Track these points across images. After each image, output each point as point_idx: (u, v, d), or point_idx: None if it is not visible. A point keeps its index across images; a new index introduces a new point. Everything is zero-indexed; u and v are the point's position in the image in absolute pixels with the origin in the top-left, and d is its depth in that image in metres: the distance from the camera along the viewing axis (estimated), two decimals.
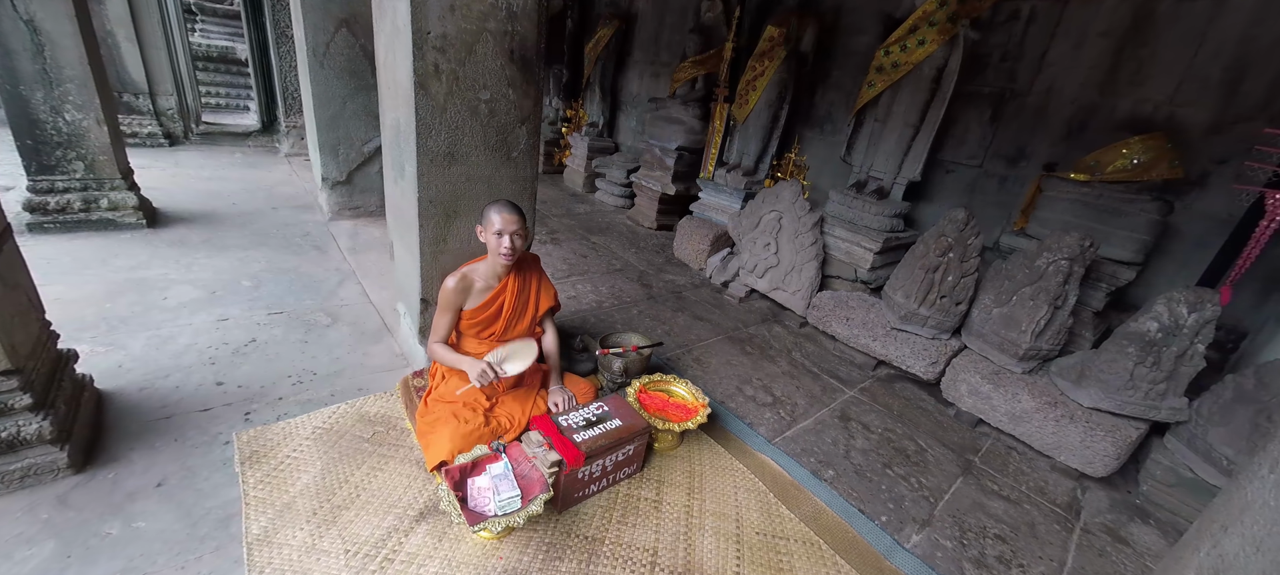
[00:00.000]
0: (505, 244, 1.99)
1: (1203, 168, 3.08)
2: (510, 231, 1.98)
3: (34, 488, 1.76)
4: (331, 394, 2.46)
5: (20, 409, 1.73)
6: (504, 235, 1.98)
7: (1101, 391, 2.73)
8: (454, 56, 2.03)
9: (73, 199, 3.55)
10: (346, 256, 3.91)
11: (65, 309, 2.67)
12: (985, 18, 3.59)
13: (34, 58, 3.16)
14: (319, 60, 4.05)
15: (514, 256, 2.03)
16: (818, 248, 3.92)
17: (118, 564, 1.59)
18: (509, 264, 2.07)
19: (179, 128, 6.35)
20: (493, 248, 2.03)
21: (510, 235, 1.99)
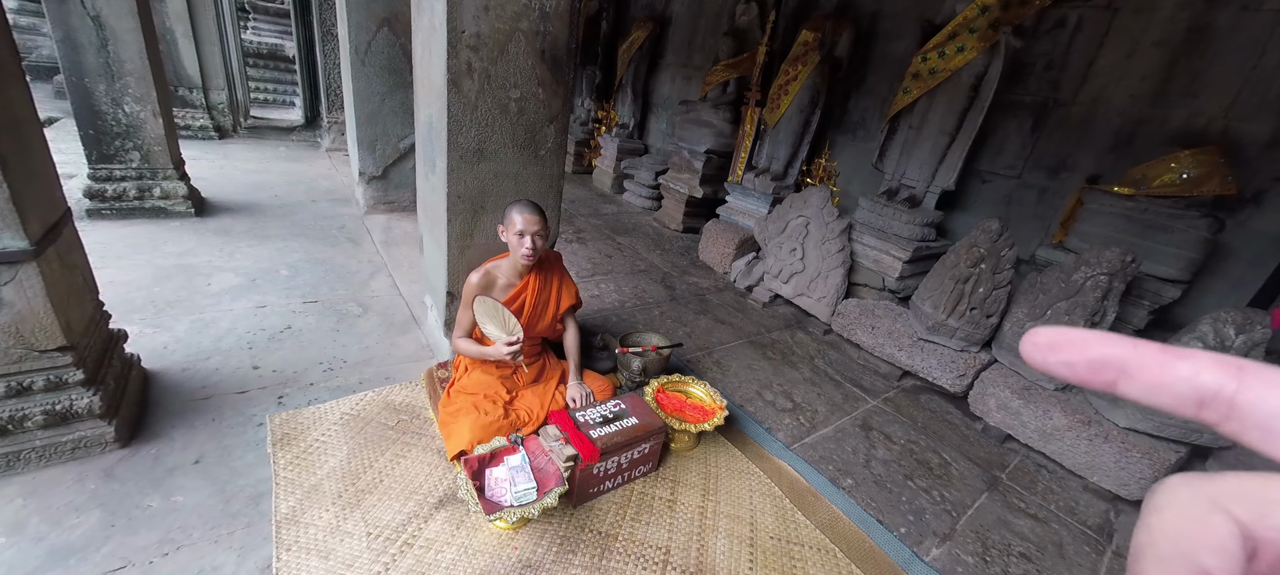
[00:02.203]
0: (526, 244, 2.01)
1: (1259, 184, 2.92)
2: (532, 232, 2.00)
3: (83, 459, 1.87)
4: (360, 381, 2.54)
5: (73, 384, 1.84)
6: (525, 236, 2.00)
7: (1139, 412, 2.62)
8: (487, 55, 2.08)
9: (128, 187, 3.75)
10: (379, 249, 4.03)
11: (117, 291, 2.83)
12: (1029, 25, 3.48)
13: (98, 52, 3.36)
14: (361, 58, 4.19)
15: (535, 257, 2.05)
16: (845, 255, 3.86)
17: (156, 534, 1.68)
18: (530, 264, 2.10)
19: (228, 121, 6.64)
20: (514, 247, 2.05)
21: (532, 236, 2.00)
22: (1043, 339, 0.25)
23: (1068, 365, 0.25)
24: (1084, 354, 0.24)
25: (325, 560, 1.67)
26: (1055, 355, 0.25)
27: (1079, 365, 0.24)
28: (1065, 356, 0.25)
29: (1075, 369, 0.24)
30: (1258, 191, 2.93)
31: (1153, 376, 0.23)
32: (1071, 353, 0.25)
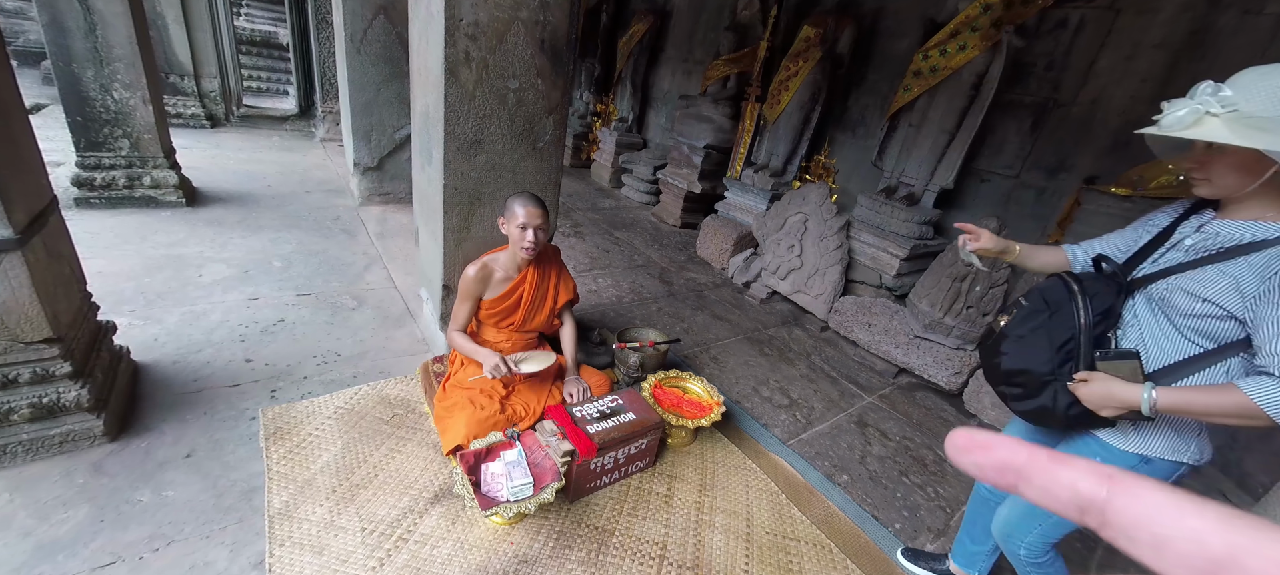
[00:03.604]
0: (528, 238, 1.99)
1: None
2: (534, 225, 1.99)
3: (71, 453, 1.84)
4: (354, 375, 2.51)
5: (60, 376, 1.80)
6: (527, 229, 1.99)
7: None
8: (485, 44, 2.05)
9: (118, 176, 3.69)
10: (374, 241, 3.99)
11: (106, 282, 2.78)
12: (1031, 25, 3.47)
13: (86, 36, 3.29)
14: (356, 46, 4.14)
15: (536, 250, 2.04)
16: (843, 252, 3.86)
17: (147, 530, 1.65)
18: (531, 258, 2.09)
19: (220, 110, 6.55)
20: (515, 240, 2.03)
21: (534, 229, 1.99)
22: (960, 441, 0.27)
23: (977, 466, 0.26)
24: (990, 457, 0.26)
25: (319, 556, 1.65)
26: (967, 457, 0.27)
27: (986, 467, 0.26)
28: (975, 458, 0.26)
29: (984, 470, 0.26)
30: None
31: (1043, 482, 0.24)
32: (979, 455, 0.26)
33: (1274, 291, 1.06)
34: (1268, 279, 1.07)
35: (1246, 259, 1.11)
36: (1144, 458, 1.26)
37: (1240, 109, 1.04)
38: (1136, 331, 1.28)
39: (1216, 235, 1.20)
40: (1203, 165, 1.16)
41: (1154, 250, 1.31)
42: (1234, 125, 1.03)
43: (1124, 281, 1.32)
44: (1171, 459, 1.25)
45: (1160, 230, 1.35)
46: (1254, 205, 1.15)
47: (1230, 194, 1.15)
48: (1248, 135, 1.01)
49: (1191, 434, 1.24)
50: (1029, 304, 1.41)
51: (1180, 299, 1.19)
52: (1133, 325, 1.30)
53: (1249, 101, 1.04)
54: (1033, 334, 1.36)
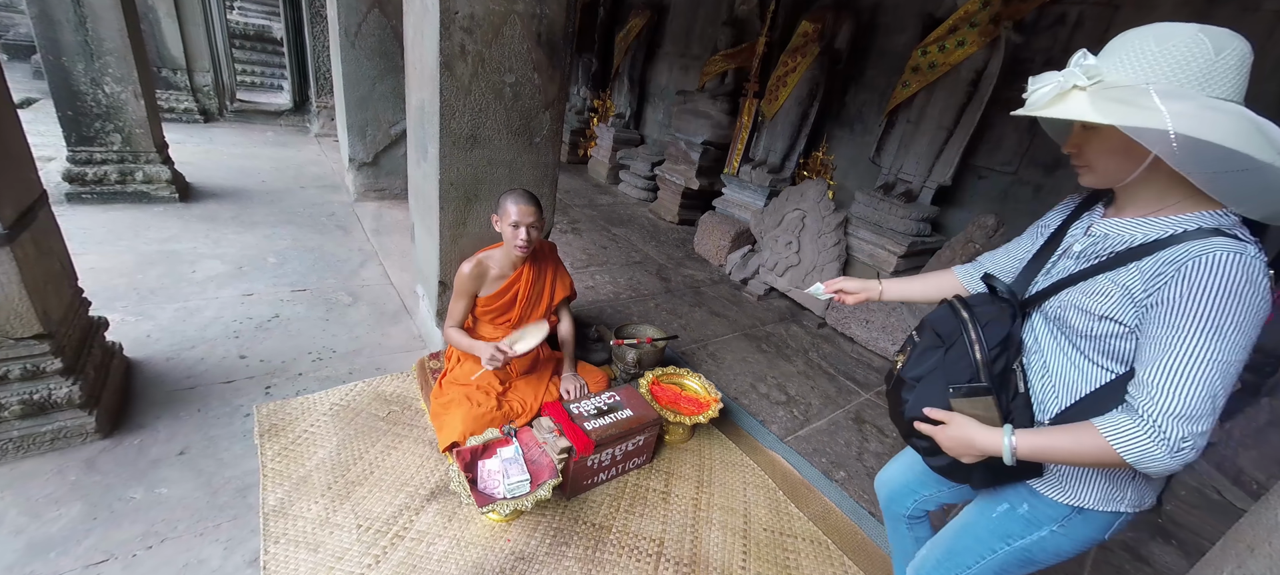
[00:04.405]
0: (521, 236, 1.96)
1: None
2: (527, 223, 1.95)
3: (63, 450, 1.82)
4: (350, 372, 2.49)
5: (51, 373, 1.78)
6: (520, 227, 1.95)
7: None
8: (481, 37, 2.03)
9: (109, 171, 3.66)
10: (370, 237, 3.96)
11: (98, 278, 2.76)
12: (1029, 21, 3.46)
13: (76, 29, 3.25)
14: (350, 40, 4.10)
15: (529, 248, 2.01)
16: (840, 249, 3.85)
17: (140, 528, 1.64)
18: (524, 256, 2.06)
19: (214, 105, 6.50)
20: (508, 238, 2.00)
21: (526, 227, 1.95)
22: None
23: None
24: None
25: (314, 553, 1.64)
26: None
27: None
28: None
29: None
30: None
31: None
32: None
33: (1161, 304, 0.86)
34: (1156, 289, 0.87)
35: (1138, 264, 0.91)
36: (1077, 508, 1.06)
37: (1104, 78, 0.86)
38: (1040, 360, 1.07)
39: (1105, 237, 1.00)
40: (1079, 149, 0.98)
41: (1046, 259, 1.11)
42: (1098, 99, 0.85)
43: (1017, 302, 1.11)
44: (1107, 509, 1.05)
45: (1051, 234, 1.15)
46: (1145, 197, 0.95)
47: (1114, 182, 0.97)
48: (1109, 110, 0.83)
49: (1125, 478, 1.03)
50: (922, 340, 1.19)
51: (1075, 318, 0.99)
52: (1035, 352, 1.08)
53: (1114, 69, 0.86)
54: (931, 375, 1.12)
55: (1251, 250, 0.82)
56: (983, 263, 1.33)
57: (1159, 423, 0.84)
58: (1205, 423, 0.83)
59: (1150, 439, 0.85)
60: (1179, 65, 0.81)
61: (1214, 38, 0.81)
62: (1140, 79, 0.83)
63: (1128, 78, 0.84)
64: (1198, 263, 0.82)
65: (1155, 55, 0.83)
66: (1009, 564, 1.18)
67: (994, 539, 1.18)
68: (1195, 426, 0.83)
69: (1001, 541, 1.16)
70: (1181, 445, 0.83)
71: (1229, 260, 0.81)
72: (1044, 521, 1.10)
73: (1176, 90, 0.81)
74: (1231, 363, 0.82)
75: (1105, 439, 0.89)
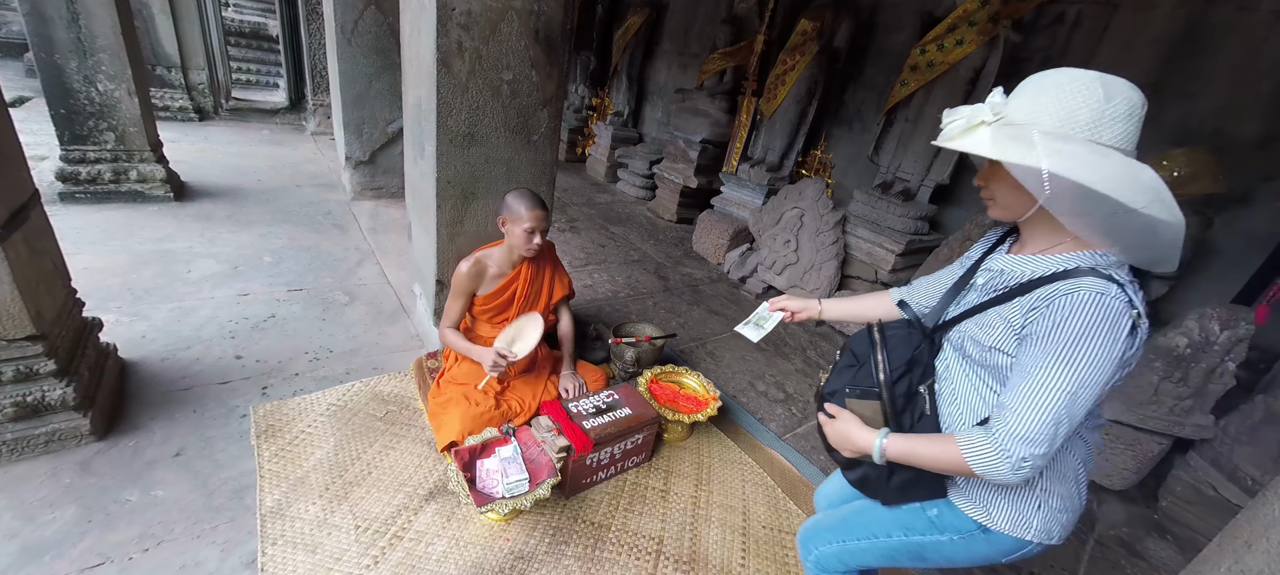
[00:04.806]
0: (534, 241, 1.99)
1: (1247, 184, 2.94)
2: (541, 229, 1.99)
3: (57, 453, 1.81)
4: (347, 372, 2.48)
5: (45, 374, 1.77)
6: (534, 233, 1.98)
7: (1124, 404, 2.65)
8: (478, 34, 2.02)
9: (103, 170, 3.63)
10: (366, 236, 3.94)
11: (92, 278, 2.74)
12: (1028, 20, 3.46)
13: (68, 26, 3.22)
14: (347, 38, 4.08)
15: (536, 251, 2.04)
16: (839, 247, 3.86)
17: (136, 530, 1.62)
18: (531, 257, 2.08)
19: (209, 103, 6.46)
20: (517, 240, 2.01)
21: (539, 232, 2.00)
22: None
23: None
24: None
25: (312, 554, 1.63)
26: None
27: None
28: None
29: None
30: (1246, 191, 2.95)
31: None
32: None
33: (1029, 337, 0.92)
34: (1029, 322, 0.93)
35: (1022, 298, 0.96)
36: (983, 527, 1.09)
37: (1006, 115, 0.92)
38: (950, 385, 1.11)
39: (1001, 272, 1.05)
40: (985, 182, 1.03)
41: (960, 290, 1.15)
42: (997, 135, 0.89)
43: (927, 327, 1.17)
44: (1014, 535, 1.07)
45: (970, 265, 1.19)
46: (1041, 233, 1.00)
47: (1015, 216, 1.01)
48: (1002, 146, 0.87)
49: (1031, 509, 1.05)
50: (841, 359, 1.26)
51: (972, 347, 1.05)
52: (946, 378, 1.13)
53: (1018, 108, 0.91)
54: (841, 390, 1.20)
55: (1113, 290, 0.86)
56: (915, 287, 1.36)
57: (1005, 442, 0.91)
58: (1046, 445, 0.88)
59: (996, 455, 0.92)
60: (1071, 109, 0.85)
61: (1108, 86, 0.85)
62: (1036, 120, 0.87)
63: (1026, 117, 0.89)
64: (1062, 300, 0.88)
65: (1052, 98, 0.87)
66: (898, 553, 1.22)
67: (893, 525, 1.21)
68: (1035, 449, 0.89)
69: (900, 530, 1.20)
70: (1021, 464, 0.90)
71: (1088, 299, 0.86)
72: (948, 529, 1.14)
73: (1064, 132, 0.85)
74: (1080, 394, 0.87)
75: (960, 450, 0.96)
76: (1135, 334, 0.88)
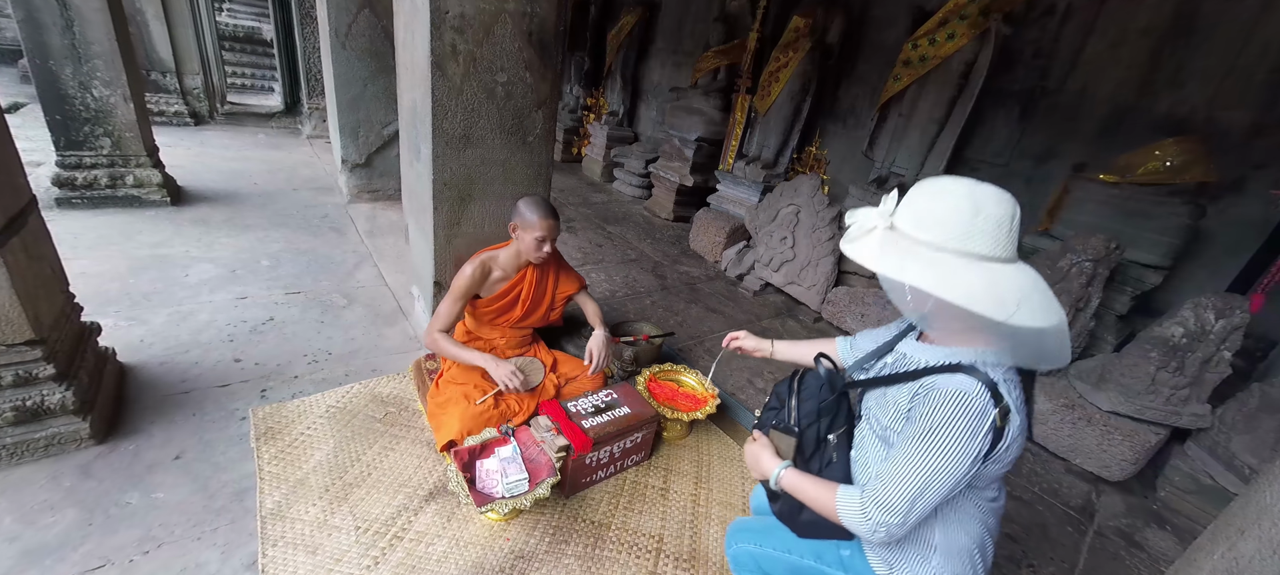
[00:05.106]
0: (545, 249, 2.06)
1: (1239, 172, 2.96)
2: (553, 238, 2.05)
3: (57, 457, 1.81)
4: (346, 374, 2.49)
5: (44, 379, 1.77)
6: (545, 241, 2.03)
7: (1121, 395, 2.67)
8: (472, 37, 2.02)
9: (99, 175, 3.62)
10: (364, 239, 3.95)
11: (90, 283, 2.74)
12: (1019, 13, 3.48)
13: (63, 32, 3.22)
14: (341, 41, 4.08)
15: (546, 258, 2.11)
16: (834, 243, 3.86)
17: (137, 532, 1.63)
18: (541, 263, 2.14)
19: (204, 107, 6.45)
20: (528, 247, 2.05)
21: (550, 240, 2.05)
22: None
23: None
24: None
25: (313, 555, 1.64)
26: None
27: None
28: None
29: None
30: (1238, 179, 2.98)
31: None
32: None
33: (908, 419, 1.00)
34: (912, 407, 1.01)
35: (912, 384, 1.03)
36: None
37: (894, 222, 0.96)
38: (861, 446, 1.19)
39: (904, 356, 1.14)
40: None
41: (878, 358, 1.24)
42: (884, 243, 0.95)
43: (840, 385, 1.24)
44: None
45: (894, 334, 1.27)
46: (939, 326, 1.04)
47: (917, 312, 1.06)
48: (882, 258, 0.94)
49: (926, 561, 1.10)
50: (771, 400, 1.35)
51: (873, 421, 1.14)
52: (860, 437, 1.21)
53: (901, 216, 0.96)
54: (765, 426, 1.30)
55: (978, 389, 0.93)
56: (858, 338, 1.44)
57: (866, 506, 1.00)
58: (900, 517, 0.97)
59: (858, 514, 1.01)
60: (943, 221, 0.90)
61: (976, 200, 0.90)
62: (917, 229, 0.93)
63: (909, 227, 0.94)
64: (934, 391, 0.96)
65: (926, 209, 0.93)
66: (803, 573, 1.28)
67: (808, 549, 1.27)
68: (891, 518, 0.97)
69: (812, 555, 1.26)
70: (877, 528, 0.99)
71: (953, 396, 0.93)
72: (853, 571, 1.21)
73: (938, 243, 0.90)
74: (933, 481, 0.94)
75: (835, 500, 1.05)
76: (1005, 431, 0.94)
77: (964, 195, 0.90)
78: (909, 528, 0.99)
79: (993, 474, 1.02)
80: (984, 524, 1.11)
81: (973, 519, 1.09)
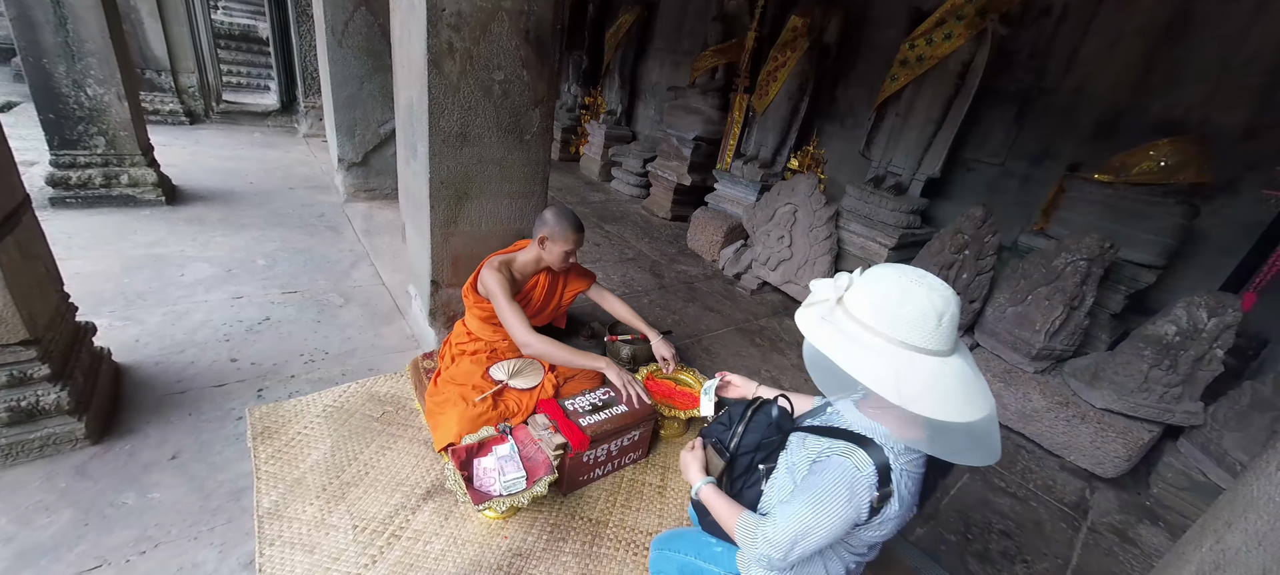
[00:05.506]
0: (570, 260, 2.16)
1: (1233, 172, 2.98)
2: (577, 250, 2.15)
3: (52, 457, 1.80)
4: (342, 373, 2.48)
5: (39, 379, 1.76)
6: (572, 254, 2.13)
7: (1115, 393, 2.69)
8: (468, 34, 2.02)
9: (94, 174, 3.61)
10: (360, 238, 3.94)
11: (84, 283, 2.72)
12: (1015, 13, 3.49)
13: (56, 30, 3.20)
14: (337, 39, 4.06)
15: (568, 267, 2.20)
16: (832, 242, 3.88)
17: (133, 532, 1.63)
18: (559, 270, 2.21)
19: (200, 106, 6.42)
20: (555, 258, 2.11)
21: (576, 253, 2.15)
22: None
23: None
24: None
25: (310, 554, 1.64)
26: None
27: None
28: None
29: None
30: (1231, 179, 3.00)
31: None
32: None
33: (810, 474, 1.10)
34: (814, 463, 1.10)
35: (827, 439, 1.12)
36: None
37: (844, 299, 1.02)
38: (777, 476, 1.29)
39: (833, 414, 1.21)
40: None
41: (820, 409, 1.31)
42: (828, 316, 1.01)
43: (787, 428, 1.32)
44: None
45: None
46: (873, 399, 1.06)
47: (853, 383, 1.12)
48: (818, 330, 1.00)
49: None
50: (723, 416, 1.47)
51: (790, 453, 1.25)
52: (777, 470, 1.30)
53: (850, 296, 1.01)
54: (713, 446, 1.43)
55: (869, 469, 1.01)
56: None
57: (757, 533, 1.12)
58: (781, 552, 1.08)
59: (750, 540, 1.14)
60: (876, 305, 0.96)
61: (906, 290, 0.94)
62: (857, 309, 0.99)
63: (852, 306, 1.00)
64: (831, 459, 1.06)
65: (865, 291, 0.99)
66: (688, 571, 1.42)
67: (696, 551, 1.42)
68: (773, 552, 1.09)
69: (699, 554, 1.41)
70: (762, 556, 1.12)
71: (843, 467, 1.03)
72: (720, 566, 1.35)
73: (872, 326, 0.96)
74: (811, 533, 1.05)
75: (738, 522, 1.19)
76: (883, 510, 1.04)
77: (894, 284, 0.95)
78: (790, 564, 1.12)
79: (867, 540, 1.13)
80: (844, 567, 1.21)
81: (837, 562, 1.20)
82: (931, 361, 0.93)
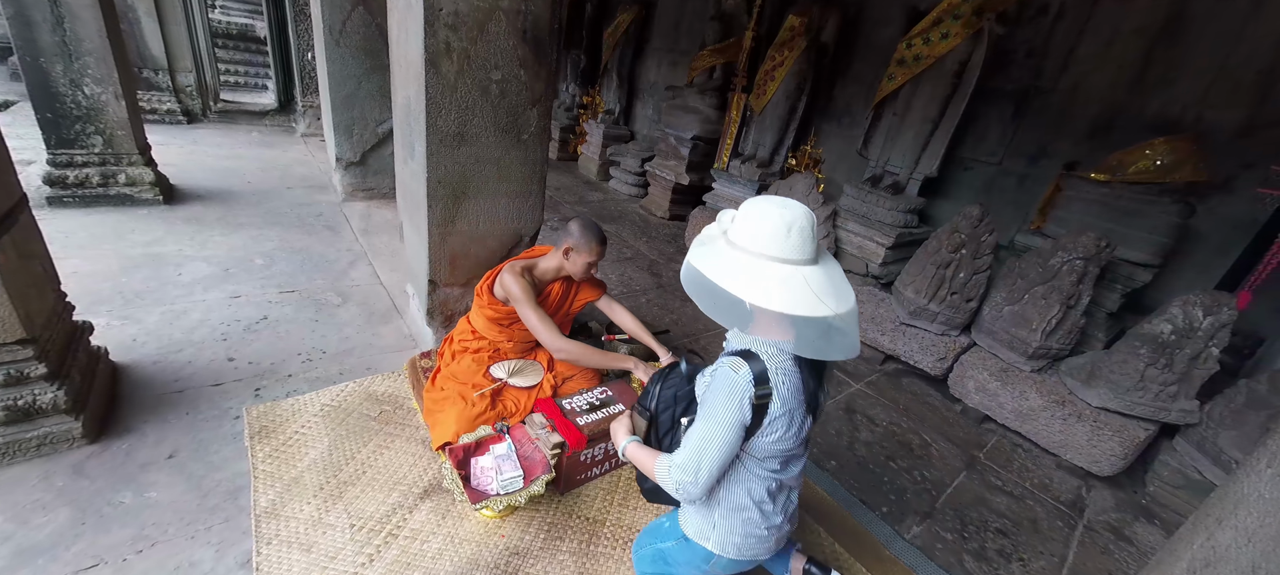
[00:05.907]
0: (593, 271, 2.18)
1: (1228, 171, 2.99)
2: (599, 262, 2.17)
3: (50, 456, 1.80)
4: (340, 372, 2.48)
5: (36, 378, 1.76)
6: (594, 266, 2.14)
7: (1111, 391, 2.70)
8: (466, 34, 2.02)
9: (91, 173, 3.60)
10: (358, 237, 3.94)
11: (82, 282, 2.72)
12: (1012, 12, 3.50)
13: (53, 29, 3.19)
14: (335, 39, 4.06)
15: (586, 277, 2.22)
16: (830, 241, 3.88)
17: (130, 531, 1.63)
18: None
19: (197, 105, 6.41)
20: (579, 269, 2.11)
21: (598, 265, 2.18)
22: None
23: None
24: None
25: (307, 553, 1.64)
26: None
27: None
28: None
29: None
30: (1227, 178, 3.01)
31: None
32: None
33: (704, 394, 1.22)
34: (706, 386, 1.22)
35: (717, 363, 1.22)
36: (685, 537, 1.38)
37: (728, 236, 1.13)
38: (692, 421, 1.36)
39: (727, 344, 1.31)
40: None
41: None
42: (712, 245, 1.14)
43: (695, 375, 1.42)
44: (699, 542, 1.34)
45: None
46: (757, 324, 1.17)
47: None
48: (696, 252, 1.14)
49: (708, 527, 1.32)
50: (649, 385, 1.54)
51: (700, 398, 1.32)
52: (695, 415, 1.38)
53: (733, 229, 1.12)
54: None
55: (744, 371, 1.13)
56: None
57: (671, 466, 1.21)
58: (691, 475, 1.17)
59: (666, 475, 1.22)
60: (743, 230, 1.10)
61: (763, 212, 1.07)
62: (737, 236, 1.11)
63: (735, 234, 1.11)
64: (716, 374, 1.18)
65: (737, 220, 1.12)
66: (657, 559, 1.49)
67: (656, 535, 1.52)
68: (685, 476, 1.18)
69: (657, 538, 1.51)
70: (679, 487, 1.20)
71: (723, 375, 1.15)
72: (670, 536, 1.45)
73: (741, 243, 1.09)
74: (713, 441, 1.15)
75: (654, 466, 1.27)
76: (768, 409, 1.14)
77: (758, 209, 1.09)
78: (703, 486, 1.18)
79: (768, 448, 1.20)
80: (764, 486, 1.28)
81: (752, 481, 1.27)
82: (784, 268, 1.05)
